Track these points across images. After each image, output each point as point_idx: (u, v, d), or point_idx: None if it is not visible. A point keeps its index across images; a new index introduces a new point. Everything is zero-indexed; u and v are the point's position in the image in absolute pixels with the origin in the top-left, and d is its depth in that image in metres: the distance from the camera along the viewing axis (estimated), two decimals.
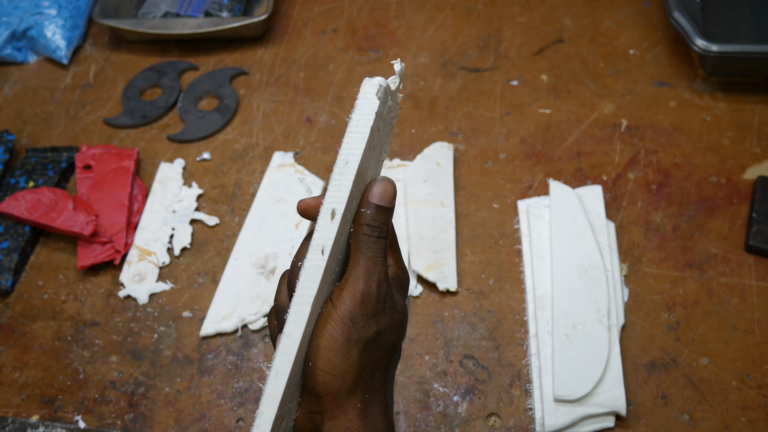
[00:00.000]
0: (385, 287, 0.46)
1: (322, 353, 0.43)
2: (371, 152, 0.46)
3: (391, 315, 0.46)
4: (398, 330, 0.47)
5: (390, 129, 0.50)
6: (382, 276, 0.46)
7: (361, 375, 0.45)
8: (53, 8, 1.04)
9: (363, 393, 0.45)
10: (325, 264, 0.43)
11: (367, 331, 0.45)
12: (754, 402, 0.69)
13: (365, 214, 0.46)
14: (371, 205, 0.46)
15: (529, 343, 0.73)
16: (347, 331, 0.44)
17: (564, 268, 0.75)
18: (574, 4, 1.04)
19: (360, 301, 0.44)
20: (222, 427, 0.71)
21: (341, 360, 0.44)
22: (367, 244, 0.45)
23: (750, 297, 0.75)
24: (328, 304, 0.45)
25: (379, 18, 1.06)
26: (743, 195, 0.83)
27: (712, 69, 0.91)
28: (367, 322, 0.44)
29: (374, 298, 0.45)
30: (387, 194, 0.47)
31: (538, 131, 0.91)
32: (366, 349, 0.45)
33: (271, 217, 0.84)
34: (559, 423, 0.67)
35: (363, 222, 0.46)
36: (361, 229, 0.46)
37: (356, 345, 0.44)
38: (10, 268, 0.82)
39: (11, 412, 0.73)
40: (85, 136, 0.96)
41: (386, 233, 0.47)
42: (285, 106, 0.97)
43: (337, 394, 0.44)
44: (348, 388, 0.44)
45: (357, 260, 0.45)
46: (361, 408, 0.45)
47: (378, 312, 0.45)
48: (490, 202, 0.85)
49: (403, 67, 0.48)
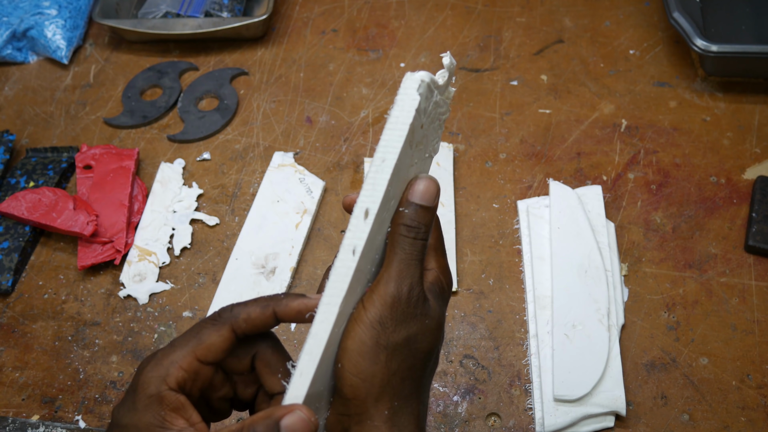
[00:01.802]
0: (417, 291, 0.44)
1: (351, 356, 0.42)
2: (413, 150, 0.44)
3: (423, 321, 0.44)
4: (431, 337, 0.45)
5: (439, 125, 0.48)
6: (415, 279, 0.44)
7: (389, 381, 0.43)
8: (53, 8, 1.04)
9: (391, 400, 0.43)
10: (356, 265, 0.42)
11: (397, 336, 0.43)
12: (753, 402, 0.69)
13: (403, 213, 0.44)
14: (411, 204, 0.44)
15: (529, 343, 0.73)
16: (376, 335, 0.42)
17: (564, 268, 0.75)
18: (574, 4, 1.04)
19: (390, 304, 0.43)
20: (222, 427, 0.71)
21: (369, 364, 0.42)
22: (402, 245, 0.44)
23: (750, 297, 0.75)
24: (359, 306, 0.43)
25: (379, 18, 1.06)
26: (743, 195, 0.83)
27: (712, 69, 0.91)
28: (397, 326, 0.43)
29: (405, 302, 0.43)
30: (429, 193, 0.45)
31: (538, 131, 0.91)
32: (395, 355, 0.43)
33: (271, 217, 0.84)
34: (559, 423, 0.67)
35: (400, 222, 0.44)
36: (398, 229, 0.44)
37: (385, 350, 0.43)
38: (10, 268, 0.82)
39: (11, 412, 0.73)
40: (86, 136, 0.96)
41: (425, 234, 0.45)
42: (285, 106, 0.97)
43: (364, 398, 0.43)
44: (375, 393, 0.43)
45: (390, 261, 0.44)
46: (388, 415, 0.43)
47: (408, 317, 0.43)
48: (490, 202, 0.85)
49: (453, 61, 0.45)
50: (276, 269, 0.80)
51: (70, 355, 0.77)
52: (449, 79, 0.46)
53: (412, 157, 0.45)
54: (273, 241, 0.82)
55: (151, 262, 0.82)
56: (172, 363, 0.43)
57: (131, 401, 0.43)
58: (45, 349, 0.78)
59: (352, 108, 0.95)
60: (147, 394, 0.42)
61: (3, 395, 0.74)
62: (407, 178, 0.45)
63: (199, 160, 0.92)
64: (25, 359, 0.77)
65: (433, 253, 0.47)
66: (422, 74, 0.43)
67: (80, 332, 0.78)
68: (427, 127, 0.45)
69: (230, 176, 0.90)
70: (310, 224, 0.84)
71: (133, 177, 0.88)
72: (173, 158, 0.92)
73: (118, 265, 0.83)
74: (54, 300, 0.81)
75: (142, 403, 0.42)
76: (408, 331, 0.43)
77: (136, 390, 0.43)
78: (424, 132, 0.45)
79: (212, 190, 0.89)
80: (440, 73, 0.45)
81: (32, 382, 0.75)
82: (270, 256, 0.81)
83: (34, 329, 0.79)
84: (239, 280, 0.79)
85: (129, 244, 0.83)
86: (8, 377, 0.76)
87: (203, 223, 0.86)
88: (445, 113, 0.48)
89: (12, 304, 0.81)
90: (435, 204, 0.45)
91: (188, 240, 0.84)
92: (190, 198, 0.87)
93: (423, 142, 0.45)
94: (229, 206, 0.87)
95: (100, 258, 0.82)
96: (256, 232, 0.83)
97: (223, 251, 0.83)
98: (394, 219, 0.44)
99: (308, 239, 0.83)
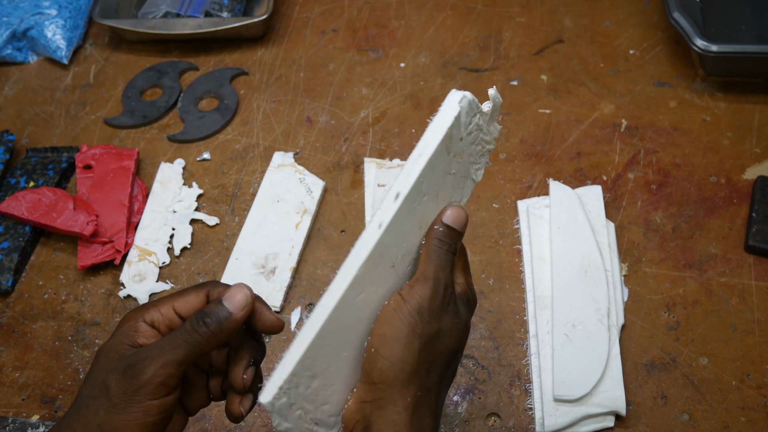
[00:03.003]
0: (450, 292, 0.49)
1: (386, 341, 0.46)
2: (450, 157, 0.49)
3: (453, 319, 0.49)
4: (458, 336, 0.49)
5: (482, 152, 0.53)
6: (449, 281, 0.49)
7: (417, 369, 0.46)
8: (53, 8, 1.04)
9: (416, 389, 0.47)
10: (379, 237, 0.46)
11: (431, 327, 0.47)
12: (753, 402, 0.69)
13: (437, 230, 0.50)
14: (443, 224, 0.50)
15: (529, 343, 0.73)
16: (413, 323, 0.46)
17: (564, 268, 0.75)
18: (574, 4, 1.04)
19: (429, 297, 0.47)
20: (222, 427, 0.71)
21: (402, 349, 0.46)
22: (437, 253, 0.49)
23: (750, 297, 0.75)
24: (397, 297, 0.47)
25: (379, 18, 1.06)
26: (743, 195, 0.83)
27: (712, 69, 0.91)
28: (432, 318, 0.47)
29: (441, 297, 0.48)
30: (459, 219, 0.50)
31: (538, 131, 0.91)
32: (427, 345, 0.47)
33: (271, 217, 0.84)
34: (558, 423, 0.67)
35: (434, 236, 0.49)
36: (432, 241, 0.49)
37: (419, 338, 0.46)
38: (10, 268, 0.82)
39: (11, 412, 0.73)
40: (86, 136, 0.96)
41: (455, 249, 0.50)
42: (285, 106, 0.97)
43: (392, 382, 0.46)
44: (403, 378, 0.46)
45: (427, 265, 0.48)
46: (411, 402, 0.46)
47: (442, 311, 0.48)
48: (490, 202, 0.85)
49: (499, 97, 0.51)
50: (276, 269, 0.80)
51: (70, 355, 0.77)
52: (494, 113, 0.51)
53: (449, 165, 0.49)
54: (273, 241, 0.82)
55: (151, 262, 0.82)
56: (152, 306, 0.49)
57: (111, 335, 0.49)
58: (45, 349, 0.78)
59: (352, 108, 0.95)
60: (125, 324, 0.49)
61: (3, 395, 0.75)
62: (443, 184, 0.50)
63: (199, 160, 0.92)
64: (25, 359, 0.77)
65: (461, 272, 0.52)
66: (466, 92, 0.49)
67: (80, 332, 0.78)
68: (467, 145, 0.50)
69: (230, 176, 0.90)
70: (310, 224, 0.84)
71: (133, 177, 0.88)
72: (173, 158, 0.92)
73: (118, 265, 0.83)
74: (54, 300, 0.81)
75: (119, 330, 0.48)
76: (440, 324, 0.48)
77: (118, 324, 0.49)
78: (463, 147, 0.50)
79: (212, 190, 0.89)
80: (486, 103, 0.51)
81: (32, 382, 0.75)
82: (270, 256, 0.81)
83: (34, 329, 0.79)
84: (239, 280, 0.79)
85: (129, 244, 0.83)
86: (8, 377, 0.76)
87: (203, 223, 0.86)
88: (490, 143, 0.53)
89: (12, 304, 0.81)
90: (463, 230, 0.51)
91: (188, 240, 0.84)
92: (190, 198, 0.87)
93: (462, 156, 0.50)
94: (229, 206, 0.87)
95: (100, 258, 0.82)
96: (256, 232, 0.83)
97: (223, 251, 0.83)
98: (428, 234, 0.50)
99: (308, 239, 0.83)
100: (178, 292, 0.51)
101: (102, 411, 0.45)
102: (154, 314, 0.49)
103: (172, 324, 0.49)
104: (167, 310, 0.49)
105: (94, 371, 0.47)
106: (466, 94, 0.48)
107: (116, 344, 0.48)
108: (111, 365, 0.46)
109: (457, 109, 0.48)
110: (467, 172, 0.52)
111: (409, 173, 0.47)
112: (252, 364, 0.50)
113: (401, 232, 0.48)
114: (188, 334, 0.46)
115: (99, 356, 0.48)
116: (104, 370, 0.46)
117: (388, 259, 0.47)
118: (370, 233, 0.46)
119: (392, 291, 0.49)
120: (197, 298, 0.50)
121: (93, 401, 0.46)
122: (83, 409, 0.46)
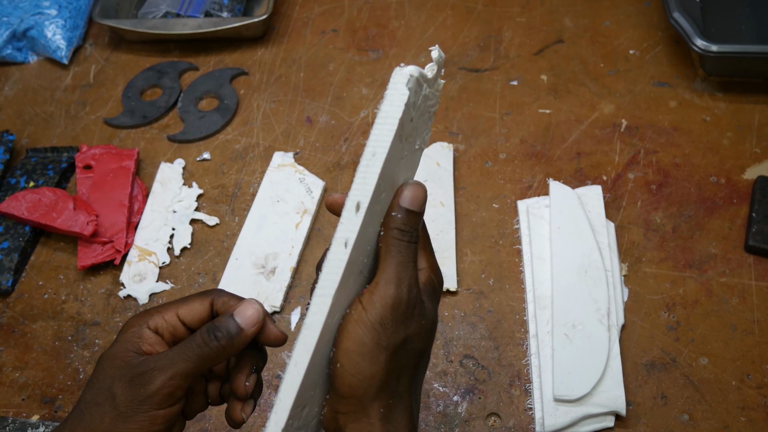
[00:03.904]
0: (415, 292, 0.46)
1: (350, 357, 0.43)
2: (402, 143, 0.45)
3: (420, 322, 0.46)
4: (426, 336, 0.47)
5: (429, 117, 0.48)
6: (413, 281, 0.45)
7: (386, 380, 0.45)
8: (53, 8, 1.04)
9: (387, 398, 0.45)
10: (348, 257, 0.43)
11: (397, 337, 0.44)
12: (753, 402, 0.69)
13: (396, 218, 0.46)
14: (401, 209, 0.46)
15: (529, 343, 0.73)
16: (377, 337, 0.44)
17: (564, 268, 0.75)
18: (574, 4, 1.04)
19: (391, 306, 0.44)
20: (222, 427, 0.71)
21: (368, 365, 0.44)
22: (398, 249, 0.45)
23: (750, 297, 0.75)
24: (358, 307, 0.44)
25: (379, 18, 1.06)
26: (743, 195, 0.83)
27: (712, 69, 0.91)
28: (397, 327, 0.44)
29: (405, 303, 0.45)
30: (418, 198, 0.47)
31: (538, 131, 0.91)
32: (394, 355, 0.45)
33: (271, 217, 0.84)
34: (558, 423, 0.67)
35: (393, 226, 0.46)
36: (392, 233, 0.46)
37: (385, 351, 0.44)
38: (10, 268, 0.82)
39: (11, 412, 0.73)
40: (86, 136, 0.96)
41: (416, 238, 0.47)
42: (285, 106, 0.97)
43: (361, 397, 0.44)
44: (373, 393, 0.44)
45: (387, 264, 0.45)
46: (383, 413, 0.45)
47: (407, 318, 0.45)
48: (490, 202, 0.85)
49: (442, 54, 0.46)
50: (276, 269, 0.80)
51: (70, 355, 0.77)
52: (438, 72, 0.47)
53: (402, 150, 0.46)
54: (273, 241, 0.82)
55: (151, 262, 0.82)
56: (156, 312, 0.49)
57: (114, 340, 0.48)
58: (45, 349, 0.78)
59: (352, 108, 0.95)
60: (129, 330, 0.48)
61: (3, 395, 0.75)
62: (397, 171, 0.46)
63: (199, 160, 0.92)
64: (25, 359, 0.77)
65: (422, 252, 0.49)
66: (411, 69, 0.44)
67: (80, 332, 0.78)
68: (417, 120, 0.46)
69: (230, 176, 0.90)
70: (310, 224, 0.84)
71: (133, 177, 0.88)
72: (173, 158, 0.92)
73: (118, 265, 0.83)
74: (54, 300, 0.81)
75: (123, 337, 0.48)
76: (407, 331, 0.45)
77: (121, 330, 0.49)
78: (414, 125, 0.46)
79: (212, 190, 0.89)
80: (429, 67, 0.46)
81: (32, 382, 0.75)
82: (270, 256, 0.81)
83: (34, 329, 0.79)
84: (239, 280, 0.79)
85: (129, 244, 0.83)
86: (8, 377, 0.76)
87: (203, 223, 0.86)
88: (435, 105, 0.48)
89: (12, 304, 0.81)
90: (423, 209, 0.47)
91: (188, 240, 0.84)
92: (190, 198, 0.87)
93: (413, 134, 0.46)
94: (229, 206, 0.87)
95: (100, 258, 0.82)
96: (256, 232, 0.83)
97: (223, 251, 0.83)
98: (386, 223, 0.46)
99: (308, 239, 0.83)
100: (182, 299, 0.50)
101: (107, 418, 0.45)
102: (158, 321, 0.49)
103: (176, 331, 0.49)
104: (171, 317, 0.49)
105: (99, 377, 0.47)
106: (412, 71, 0.44)
107: (121, 351, 0.47)
108: (117, 372, 0.46)
109: (407, 94, 0.44)
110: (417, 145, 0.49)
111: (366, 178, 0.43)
112: (254, 371, 0.50)
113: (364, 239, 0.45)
114: (198, 347, 0.46)
115: (103, 362, 0.47)
116: (110, 377, 0.46)
117: (355, 269, 0.45)
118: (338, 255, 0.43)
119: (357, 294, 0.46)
120: (201, 306, 0.50)
121: (98, 408, 0.45)
122: (86, 416, 0.46)
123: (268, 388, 0.73)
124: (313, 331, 0.42)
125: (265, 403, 0.73)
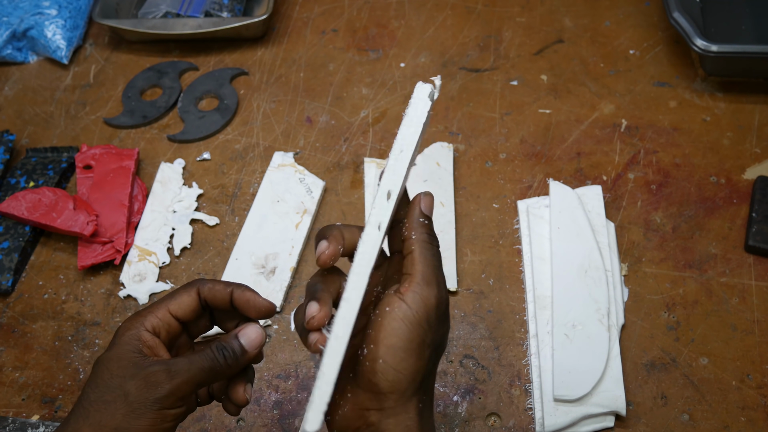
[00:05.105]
0: (447, 296, 0.49)
1: (396, 353, 0.45)
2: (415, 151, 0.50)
3: (449, 322, 0.49)
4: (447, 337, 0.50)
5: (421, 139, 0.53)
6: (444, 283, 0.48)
7: (426, 377, 0.47)
8: (53, 8, 1.04)
9: (422, 394, 0.47)
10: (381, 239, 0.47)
11: (436, 335, 0.47)
12: (753, 402, 0.69)
13: (424, 224, 0.49)
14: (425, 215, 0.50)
15: (529, 343, 0.73)
16: (423, 334, 0.46)
17: (564, 268, 0.75)
18: (574, 4, 1.04)
19: (435, 306, 0.46)
20: (222, 427, 0.71)
21: (415, 361, 0.45)
22: (431, 252, 0.48)
23: (750, 297, 0.75)
24: (401, 305, 0.46)
25: (379, 18, 1.06)
26: (743, 195, 0.83)
27: (712, 69, 0.91)
28: (439, 326, 0.47)
29: (444, 304, 0.48)
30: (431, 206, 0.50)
31: (538, 131, 0.91)
32: (434, 352, 0.47)
33: (271, 217, 0.84)
34: (558, 423, 0.67)
35: (424, 231, 0.49)
36: (423, 237, 0.48)
37: (429, 348, 0.46)
38: (10, 268, 0.82)
39: (11, 412, 0.73)
40: (86, 136, 0.96)
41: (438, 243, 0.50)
42: (285, 106, 0.97)
43: (403, 392, 0.46)
44: (414, 388, 0.46)
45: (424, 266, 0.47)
46: (420, 408, 0.47)
47: (444, 318, 0.48)
48: (490, 202, 0.85)
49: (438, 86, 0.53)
50: (276, 269, 0.80)
51: (70, 355, 0.77)
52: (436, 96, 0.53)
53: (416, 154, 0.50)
54: (273, 241, 0.82)
55: (151, 262, 0.82)
56: (149, 313, 0.51)
57: (112, 344, 0.50)
58: (45, 349, 0.78)
59: (352, 108, 0.95)
60: (127, 333, 0.50)
61: (3, 395, 0.75)
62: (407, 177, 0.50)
63: (199, 160, 0.92)
64: (25, 359, 0.77)
65: None
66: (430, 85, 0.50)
67: (80, 332, 0.78)
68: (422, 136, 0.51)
69: (230, 176, 0.90)
70: (310, 224, 0.84)
71: (133, 177, 0.88)
72: (173, 158, 0.92)
73: (118, 265, 0.83)
74: (54, 300, 0.81)
75: (122, 340, 0.50)
76: (443, 330, 0.48)
77: (117, 334, 0.51)
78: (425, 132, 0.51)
79: (212, 190, 0.89)
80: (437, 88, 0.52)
81: (32, 382, 0.75)
82: (270, 256, 0.81)
83: (34, 329, 0.79)
84: (239, 280, 0.79)
85: (129, 244, 0.83)
86: (8, 377, 0.76)
87: (203, 223, 0.86)
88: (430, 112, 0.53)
89: (12, 304, 0.81)
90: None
91: (188, 240, 0.84)
92: (190, 198, 0.87)
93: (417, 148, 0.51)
94: (229, 206, 0.87)
95: (100, 258, 0.82)
96: (256, 232, 0.83)
97: (223, 251, 0.83)
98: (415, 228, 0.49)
99: (308, 239, 0.83)
100: (169, 295, 0.53)
101: (119, 414, 0.47)
102: (153, 321, 0.51)
103: (171, 327, 0.52)
104: (164, 315, 0.52)
105: (104, 377, 0.48)
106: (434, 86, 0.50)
107: (123, 352, 0.49)
108: (127, 372, 0.48)
109: (429, 104, 0.50)
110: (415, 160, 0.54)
111: (395, 171, 0.48)
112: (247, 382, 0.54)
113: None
114: (211, 360, 0.50)
115: (107, 364, 0.49)
116: (119, 376, 0.48)
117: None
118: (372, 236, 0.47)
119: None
120: (189, 298, 0.52)
121: (107, 405, 0.47)
122: (93, 413, 0.47)
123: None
124: (353, 305, 0.45)
125: (265, 402, 0.73)
